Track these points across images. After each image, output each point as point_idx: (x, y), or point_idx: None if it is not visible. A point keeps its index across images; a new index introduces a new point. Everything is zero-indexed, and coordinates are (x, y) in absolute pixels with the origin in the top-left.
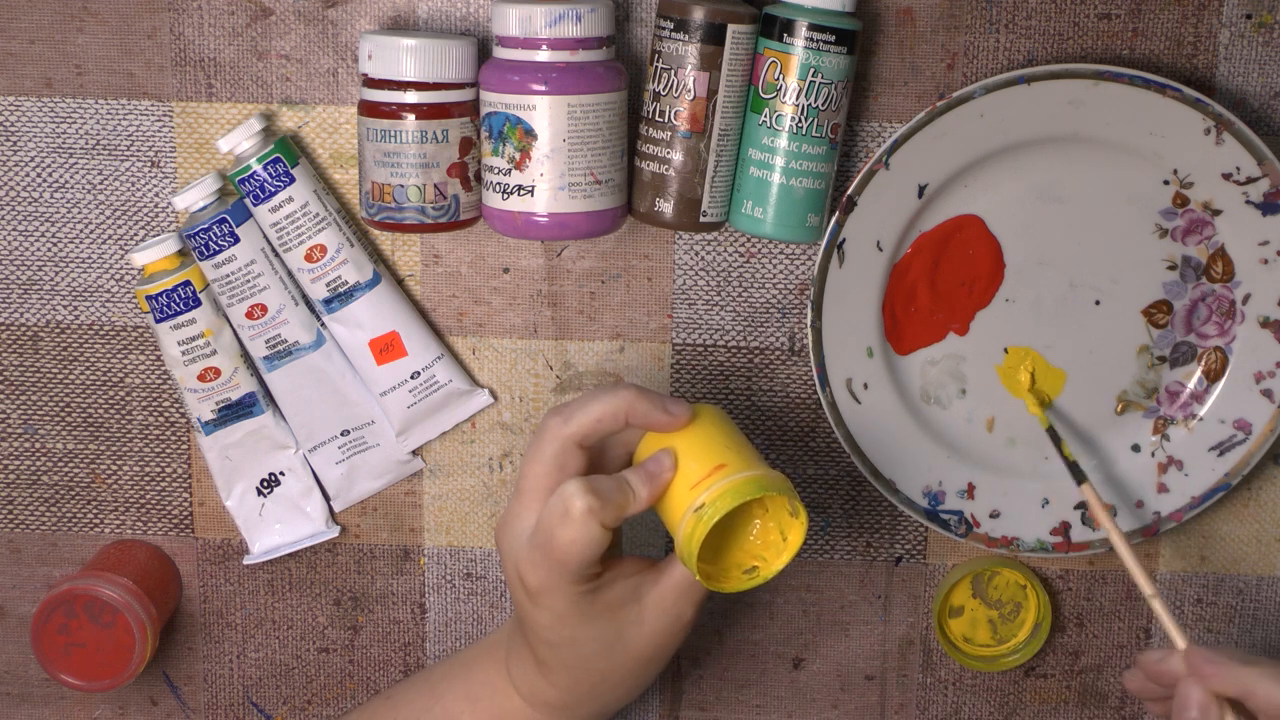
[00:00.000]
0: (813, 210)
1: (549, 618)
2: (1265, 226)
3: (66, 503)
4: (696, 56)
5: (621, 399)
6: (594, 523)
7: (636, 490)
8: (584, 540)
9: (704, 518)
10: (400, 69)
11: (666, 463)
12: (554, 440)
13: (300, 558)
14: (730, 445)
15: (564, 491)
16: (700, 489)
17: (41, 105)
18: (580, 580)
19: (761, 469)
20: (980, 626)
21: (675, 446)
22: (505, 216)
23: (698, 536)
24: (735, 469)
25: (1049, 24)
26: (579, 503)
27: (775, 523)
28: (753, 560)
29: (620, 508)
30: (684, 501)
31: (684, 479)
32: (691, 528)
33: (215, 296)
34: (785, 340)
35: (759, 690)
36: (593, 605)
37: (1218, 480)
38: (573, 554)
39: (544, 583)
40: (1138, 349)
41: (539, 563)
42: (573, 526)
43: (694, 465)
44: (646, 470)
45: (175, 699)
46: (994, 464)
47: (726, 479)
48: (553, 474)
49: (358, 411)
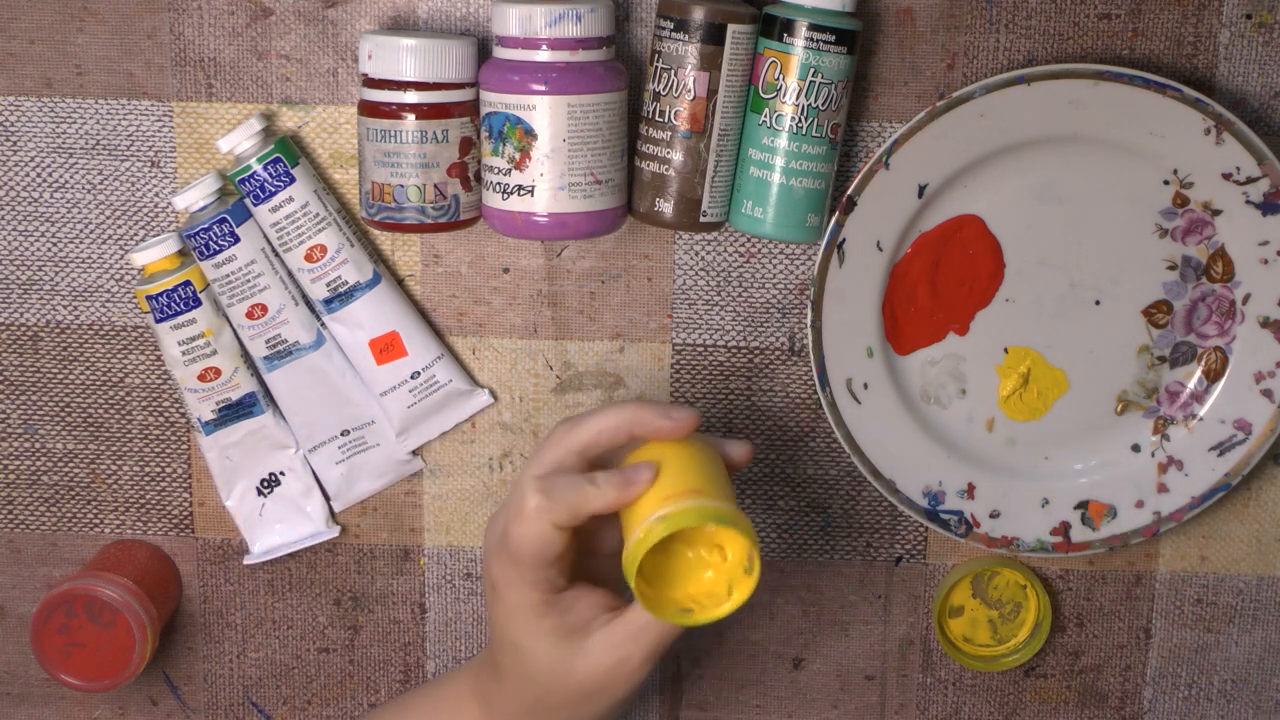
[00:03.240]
0: (813, 210)
1: (502, 613)
2: (1265, 226)
3: (66, 503)
4: (696, 56)
5: (626, 412)
6: (544, 520)
7: (603, 490)
8: (533, 536)
9: (659, 527)
10: (400, 69)
11: (645, 474)
12: (556, 446)
13: (300, 558)
14: (714, 478)
15: (520, 487)
16: (669, 502)
17: (41, 105)
18: (537, 583)
19: (734, 509)
20: (980, 626)
21: (661, 462)
22: (505, 216)
23: (648, 541)
24: (709, 497)
25: (1049, 24)
26: (530, 500)
27: (727, 577)
28: (691, 603)
29: (573, 506)
30: (649, 510)
31: (657, 491)
32: (646, 532)
33: (215, 296)
34: (785, 340)
35: (759, 690)
36: (544, 618)
37: (1218, 480)
38: (524, 549)
39: (502, 574)
40: (1138, 349)
41: (500, 555)
42: (523, 523)
43: (671, 481)
44: (623, 475)
45: (175, 699)
46: (994, 464)
47: (697, 500)
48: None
49: (358, 411)
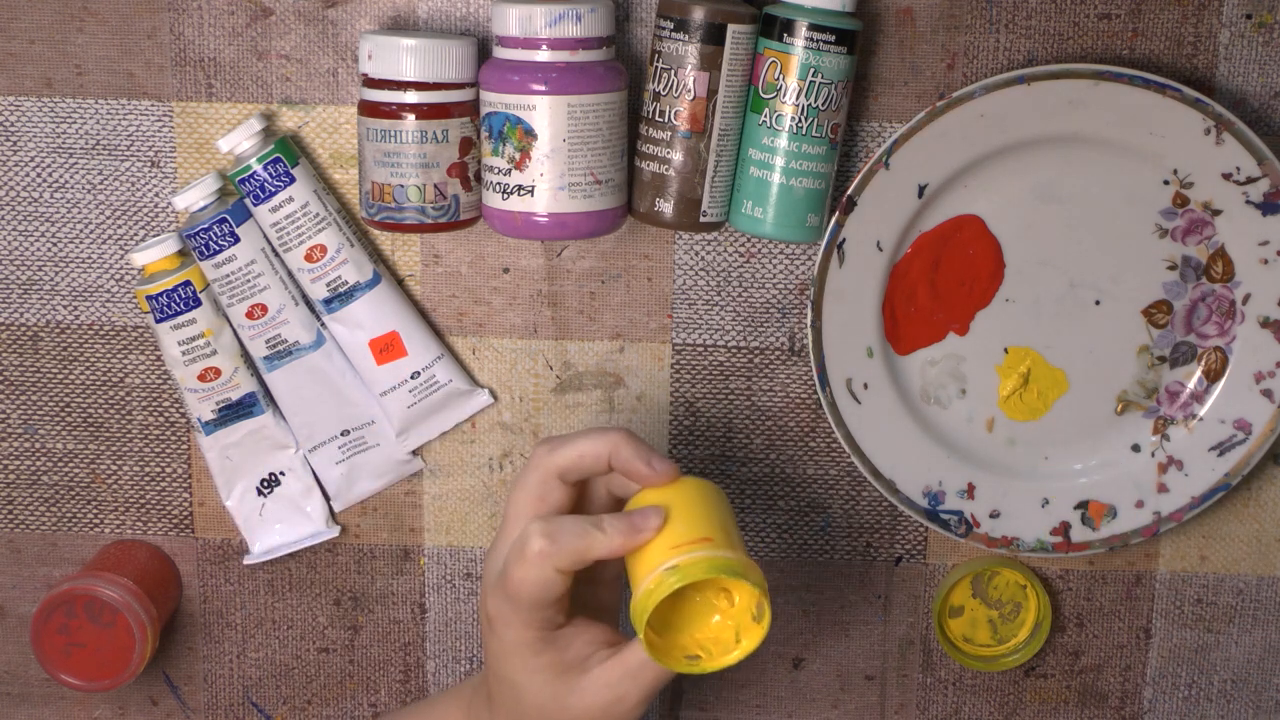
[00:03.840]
0: (813, 210)
1: (498, 648)
2: (1265, 226)
3: (66, 503)
4: (696, 56)
5: (609, 440)
6: (547, 565)
7: (610, 536)
8: (534, 580)
9: (670, 579)
10: (400, 69)
11: (653, 520)
12: (537, 470)
13: (300, 558)
14: (724, 526)
15: (526, 529)
16: (679, 552)
17: (41, 105)
18: (533, 622)
19: (746, 557)
20: (980, 626)
21: (668, 507)
22: (505, 216)
23: (659, 594)
24: (720, 546)
25: (1049, 24)
26: (534, 544)
27: (734, 622)
28: (698, 649)
29: (578, 552)
30: (658, 559)
31: (666, 539)
32: (656, 584)
33: (215, 296)
34: (785, 340)
35: (759, 690)
36: (540, 655)
37: (1218, 480)
38: (523, 592)
39: (499, 612)
40: (1138, 349)
41: (497, 593)
42: (524, 566)
43: (680, 528)
44: (630, 521)
45: (175, 699)
46: (994, 464)
47: (708, 550)
48: (533, 504)
49: (358, 411)
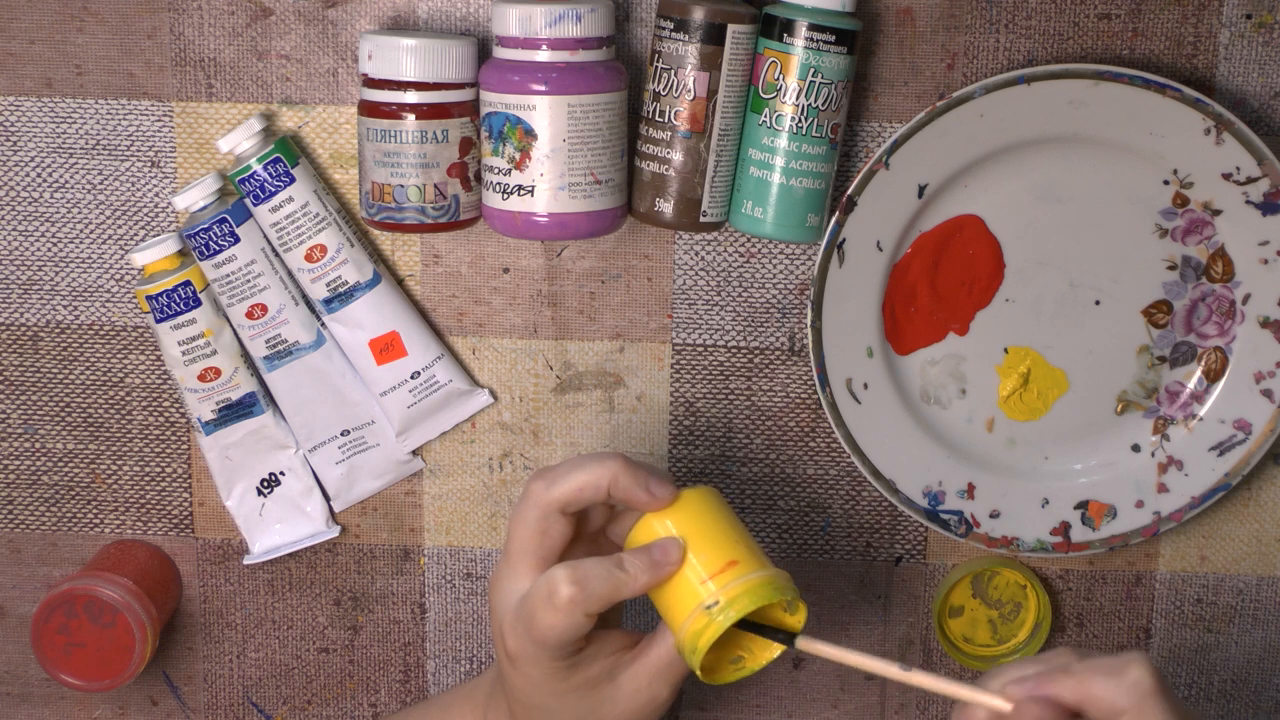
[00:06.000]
0: (813, 210)
1: (524, 682)
2: (1265, 226)
3: (66, 503)
4: (696, 56)
5: (606, 470)
6: (577, 611)
7: (634, 576)
8: (564, 626)
9: (718, 619)
10: (400, 69)
11: (674, 554)
12: (536, 506)
13: (300, 558)
14: (739, 539)
15: (551, 576)
16: (714, 584)
17: (41, 105)
18: (559, 657)
19: (772, 568)
20: (980, 626)
21: (681, 534)
22: (505, 216)
23: (709, 636)
24: (748, 567)
25: (1049, 24)
26: (564, 591)
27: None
28: (739, 650)
29: (606, 598)
30: (692, 596)
31: (693, 571)
32: (703, 625)
33: (215, 296)
34: (785, 340)
35: (759, 690)
36: (568, 680)
37: (1218, 480)
38: (551, 637)
39: (522, 652)
40: (1138, 349)
41: (520, 634)
42: (554, 613)
43: (705, 557)
44: (651, 558)
45: (175, 699)
46: (994, 464)
47: (741, 579)
48: (536, 538)
49: (358, 411)
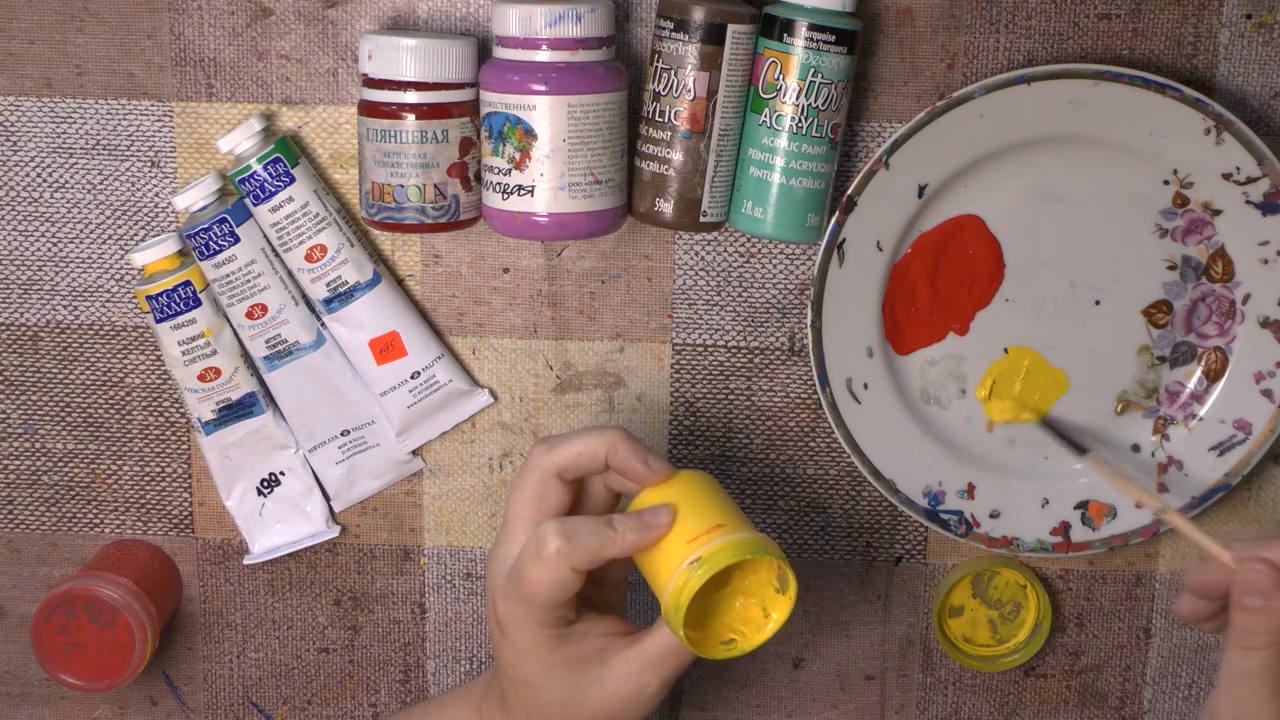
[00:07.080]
0: (813, 210)
1: (512, 652)
2: (1265, 226)
3: (66, 503)
4: (696, 56)
5: (606, 438)
6: (564, 564)
7: (622, 535)
8: (551, 580)
9: (697, 571)
10: (400, 69)
11: (664, 517)
12: (535, 470)
13: (300, 558)
14: (728, 510)
15: (540, 530)
16: (697, 544)
17: (41, 105)
18: (548, 622)
19: (759, 534)
20: (980, 626)
21: (674, 503)
22: (505, 216)
23: (690, 589)
24: (733, 530)
25: (1049, 24)
26: (551, 544)
27: (759, 599)
28: (731, 633)
29: (593, 551)
30: (678, 555)
31: (680, 534)
32: (684, 580)
33: (215, 296)
34: (785, 340)
35: (759, 690)
36: (556, 652)
37: (1218, 480)
38: (539, 593)
39: (511, 615)
40: (1138, 349)
41: (509, 595)
42: (542, 566)
43: (691, 521)
44: (641, 519)
45: (175, 699)
46: (994, 464)
47: (724, 537)
48: (533, 504)
49: (358, 411)
